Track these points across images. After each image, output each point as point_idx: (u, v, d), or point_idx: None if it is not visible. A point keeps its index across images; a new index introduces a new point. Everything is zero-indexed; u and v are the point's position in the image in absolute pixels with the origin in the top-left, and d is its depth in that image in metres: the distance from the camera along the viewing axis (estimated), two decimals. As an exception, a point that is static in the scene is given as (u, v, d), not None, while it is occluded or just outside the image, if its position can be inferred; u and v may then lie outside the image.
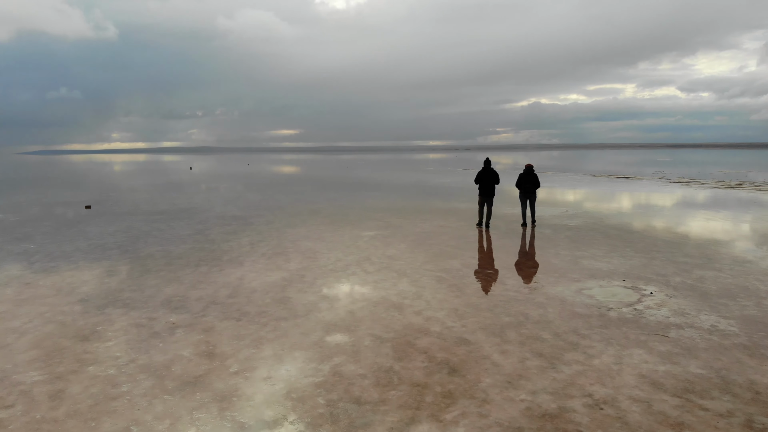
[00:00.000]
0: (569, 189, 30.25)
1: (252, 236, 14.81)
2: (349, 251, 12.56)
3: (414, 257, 11.79)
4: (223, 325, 7.52)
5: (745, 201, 23.47)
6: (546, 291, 9.08)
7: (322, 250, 12.77)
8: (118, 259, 12.03)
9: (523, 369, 5.99)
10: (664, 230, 15.37)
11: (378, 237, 14.41)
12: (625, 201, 23.82)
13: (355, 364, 6.14)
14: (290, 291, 9.19)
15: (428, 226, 16.35)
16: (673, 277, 9.97)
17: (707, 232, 14.97)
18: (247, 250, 12.86)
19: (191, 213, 20.17)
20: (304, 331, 7.21)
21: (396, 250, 12.64)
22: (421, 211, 20.10)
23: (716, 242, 13.44)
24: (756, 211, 19.80)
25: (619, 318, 7.72)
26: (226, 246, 13.37)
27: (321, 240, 14.07)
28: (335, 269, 10.75)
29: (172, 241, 14.11)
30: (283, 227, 16.39)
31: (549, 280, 9.81)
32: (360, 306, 8.27)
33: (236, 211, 20.80)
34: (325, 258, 11.83)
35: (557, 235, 14.56)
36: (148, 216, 19.36)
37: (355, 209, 20.92)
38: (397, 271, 10.53)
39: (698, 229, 15.50)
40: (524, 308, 8.13)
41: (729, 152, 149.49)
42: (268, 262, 11.52)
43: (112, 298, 8.94)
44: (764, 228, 15.77)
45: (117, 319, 7.82)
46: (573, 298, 8.64)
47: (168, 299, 8.80)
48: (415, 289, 9.21)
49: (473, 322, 7.48)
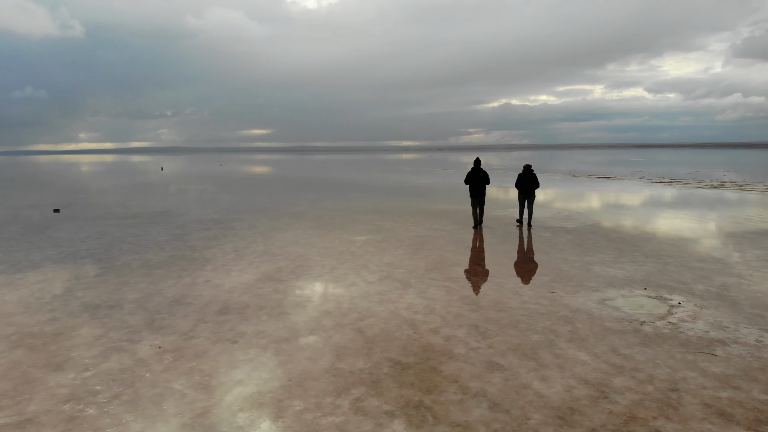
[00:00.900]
0: (553, 190, 29.80)
1: (235, 242, 13.83)
2: (343, 258, 11.69)
3: (414, 264, 10.98)
4: (217, 349, 6.60)
5: (734, 202, 23.24)
6: (567, 302, 8.35)
7: (313, 257, 11.87)
8: (91, 269, 10.96)
9: (573, 400, 5.22)
10: (666, 233, 14.85)
11: (371, 242, 13.57)
12: (615, 202, 23.39)
13: (377, 397, 5.29)
14: (287, 305, 8.29)
15: (421, 229, 15.57)
16: (694, 285, 9.34)
17: (709, 234, 14.47)
18: (232, 257, 11.89)
19: (167, 216, 19.04)
20: (311, 356, 6.33)
21: (393, 256, 11.81)
22: (410, 213, 19.31)
23: (722, 245, 12.92)
24: (750, 211, 19.48)
25: (656, 333, 7.02)
26: (208, 253, 12.38)
27: (311, 246, 13.17)
28: (333, 279, 9.87)
29: (150, 249, 13.05)
30: (268, 231, 15.43)
31: (566, 289, 9.09)
32: (369, 323, 7.42)
33: (214, 214, 19.74)
34: (319, 266, 10.94)
35: (558, 238, 13.90)
36: (121, 220, 18.18)
37: (341, 212, 20.03)
38: (400, 281, 9.70)
39: (699, 231, 15.01)
40: (550, 324, 7.38)
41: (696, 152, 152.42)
42: (256, 271, 10.58)
43: (87, 315, 7.93)
44: (765, 229, 15.36)
45: (95, 343, 6.83)
46: (599, 311, 7.92)
47: (151, 317, 7.82)
48: (424, 301, 8.40)
49: (500, 342, 6.69)
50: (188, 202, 24.13)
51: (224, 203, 23.64)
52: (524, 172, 16.15)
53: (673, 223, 16.54)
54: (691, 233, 14.71)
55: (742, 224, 16.16)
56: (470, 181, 15.84)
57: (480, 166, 16.04)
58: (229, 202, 24.31)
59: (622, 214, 19.03)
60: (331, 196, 27.06)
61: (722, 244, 13.10)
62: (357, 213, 19.54)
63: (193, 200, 25.27)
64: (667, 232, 14.85)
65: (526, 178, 16.04)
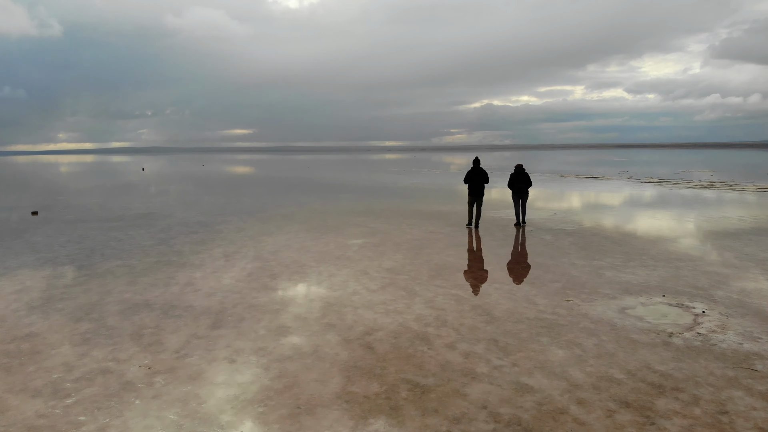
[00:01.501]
0: (544, 190, 29.43)
1: (224, 246, 13.15)
2: (340, 264, 11.08)
3: (417, 271, 10.40)
4: (213, 369, 5.97)
5: (728, 201, 23.01)
6: (586, 312, 7.83)
7: (309, 262, 11.25)
8: (72, 277, 10.22)
9: (617, 427, 4.68)
10: (670, 234, 14.46)
11: (367, 246, 12.97)
12: (610, 202, 23.05)
13: (400, 428, 4.71)
14: (285, 317, 7.67)
15: (417, 232, 15.01)
16: (713, 291, 8.89)
17: (714, 236, 14.08)
18: (222, 264, 11.22)
19: (150, 219, 18.26)
20: (319, 378, 5.72)
21: (393, 261, 11.23)
22: (403, 214, 18.75)
23: (731, 247, 12.53)
24: (751, 212, 19.21)
25: (687, 347, 6.53)
26: (196, 259, 11.70)
27: (305, 250, 12.54)
28: (333, 287, 9.26)
29: (133, 254, 12.33)
30: (258, 235, 14.76)
31: (582, 296, 8.58)
32: (378, 338, 6.83)
33: (200, 216, 19.00)
34: (316, 273, 10.32)
35: (560, 241, 13.42)
36: (102, 223, 17.37)
37: (331, 213, 19.40)
38: (404, 288, 9.12)
39: (703, 233, 14.62)
40: (573, 336, 6.85)
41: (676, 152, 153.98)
42: (249, 278, 9.94)
43: (68, 330, 7.24)
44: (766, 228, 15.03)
45: (77, 363, 6.16)
46: (622, 321, 7.42)
47: (138, 331, 7.16)
48: (434, 312, 7.83)
49: (524, 359, 6.14)
50: (172, 204, 23.33)
51: (209, 205, 22.88)
52: (516, 171, 16.11)
53: (675, 225, 16.16)
54: (695, 235, 14.32)
55: (746, 225, 15.83)
56: (470, 180, 15.68)
57: (479, 166, 15.81)
58: (215, 203, 23.55)
59: (620, 215, 18.66)
60: (320, 197, 26.40)
61: (730, 246, 12.71)
62: (349, 215, 18.93)
63: (177, 201, 24.46)
64: (671, 234, 14.45)
65: (519, 178, 16.02)
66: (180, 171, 62.47)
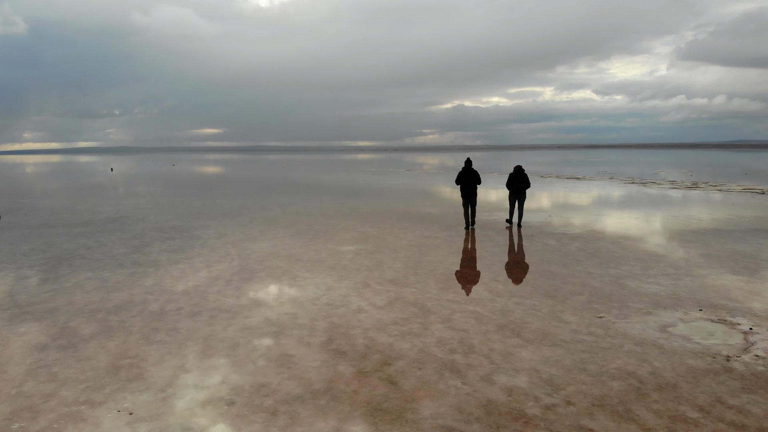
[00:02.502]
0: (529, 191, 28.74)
1: (205, 255, 12.03)
2: (337, 274, 10.08)
3: (423, 282, 9.46)
4: (209, 415, 4.93)
5: (726, 203, 22.61)
6: (625, 331, 6.98)
7: (301, 273, 10.22)
8: (36, 293, 9.01)
9: (720, 491, 3.80)
10: (678, 239, 13.77)
11: (362, 253, 11.99)
12: (602, 203, 22.44)
13: (456, 498, 3.75)
14: (288, 343, 6.65)
15: (412, 237, 14.08)
16: (750, 303, 8.15)
17: (725, 239, 13.43)
18: (204, 276, 10.12)
19: (122, 224, 16.98)
20: (338, 426, 4.73)
21: (394, 271, 10.27)
22: (392, 217, 17.80)
23: (746, 252, 11.88)
24: (754, 212, 18.75)
25: (752, 373, 5.71)
26: (175, 270, 10.57)
27: (295, 259, 11.50)
28: (334, 304, 8.25)
29: (105, 264, 11.14)
30: (240, 241, 13.66)
31: (613, 312, 7.75)
32: (399, 369, 5.86)
33: (175, 220, 17.78)
34: (312, 286, 9.30)
35: (567, 246, 12.63)
36: (69, 228, 16.04)
37: (317, 216, 18.34)
38: (414, 304, 8.17)
39: (712, 236, 13.97)
40: (622, 363, 5.98)
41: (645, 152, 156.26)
42: (238, 294, 8.87)
43: (32, 361, 6.12)
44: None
45: (42, 407, 5.06)
46: (668, 342, 6.59)
47: (115, 364, 6.06)
48: (456, 334, 6.89)
49: (576, 394, 5.24)
50: (144, 207, 21.97)
51: (184, 207, 21.59)
52: (515, 172, 15.76)
53: (681, 228, 15.52)
54: (704, 239, 13.64)
55: (755, 227, 15.26)
56: (461, 181, 15.30)
57: (471, 166, 15.46)
58: (190, 206, 22.26)
59: (619, 217, 18.01)
60: (301, 198, 25.28)
61: (745, 250, 12.05)
62: (335, 218, 17.89)
63: (150, 204, 23.09)
64: (680, 238, 13.76)
65: (518, 178, 15.70)
66: (150, 171, 60.51)
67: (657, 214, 18.66)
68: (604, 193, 27.05)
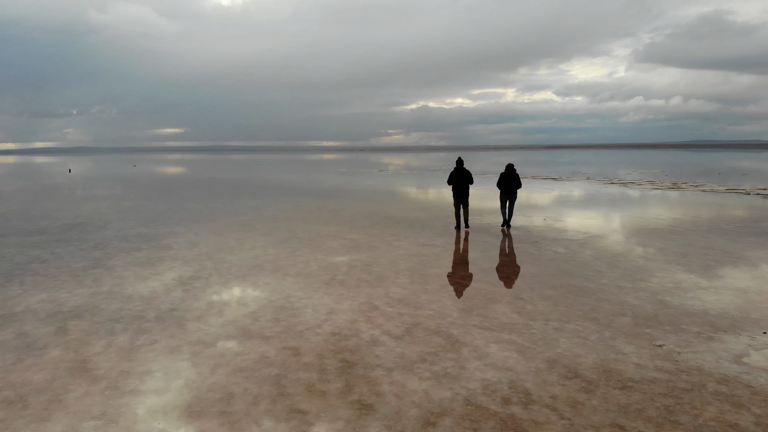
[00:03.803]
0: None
1: (177, 268, 10.54)
2: (335, 292, 8.74)
3: (439, 302, 8.19)
4: None
5: (721, 204, 21.97)
6: (696, 363, 5.85)
7: (294, 291, 8.84)
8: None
9: None
10: (693, 245, 12.82)
11: (358, 265, 10.67)
12: (593, 206, 21.54)
13: None
14: (295, 392, 5.29)
15: (407, 245, 12.82)
16: (815, 323, 7.14)
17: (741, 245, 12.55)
18: (179, 296, 8.66)
19: (81, 231, 15.25)
20: None
21: (401, 288, 8.98)
22: (379, 222, 16.51)
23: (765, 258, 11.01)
24: (744, 213, 18.06)
25: None
26: (144, 288, 9.07)
27: (282, 272, 10.11)
28: (341, 333, 6.91)
29: (62, 282, 9.55)
30: (216, 252, 12.17)
31: (669, 337, 6.62)
32: (448, 427, 4.57)
33: (140, 227, 16.13)
34: (310, 309, 7.93)
35: (579, 255, 11.54)
36: (22, 237, 14.25)
37: (296, 221, 16.92)
38: (438, 332, 6.89)
39: (728, 241, 13.09)
40: (716, 410, 4.82)
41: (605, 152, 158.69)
42: (222, 320, 7.45)
43: (-47, 432, 4.61)
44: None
45: None
46: (754, 379, 5.47)
47: (73, 426, 4.61)
48: (503, 375, 5.62)
49: (689, 465, 4.04)
50: (105, 212, 20.13)
51: (149, 212, 19.86)
52: (506, 171, 15.20)
53: (689, 231, 14.61)
54: (720, 244, 12.73)
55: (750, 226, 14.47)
56: (453, 181, 14.91)
57: (463, 166, 15.00)
58: (155, 210, 20.53)
59: (618, 221, 17.07)
60: (274, 201, 23.76)
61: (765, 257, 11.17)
62: (316, 223, 16.50)
63: (111, 208, 21.23)
64: (695, 244, 12.80)
65: (509, 178, 15.10)
66: (110, 172, 57.78)
67: (653, 215, 17.78)
68: (589, 194, 26.27)
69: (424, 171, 53.65)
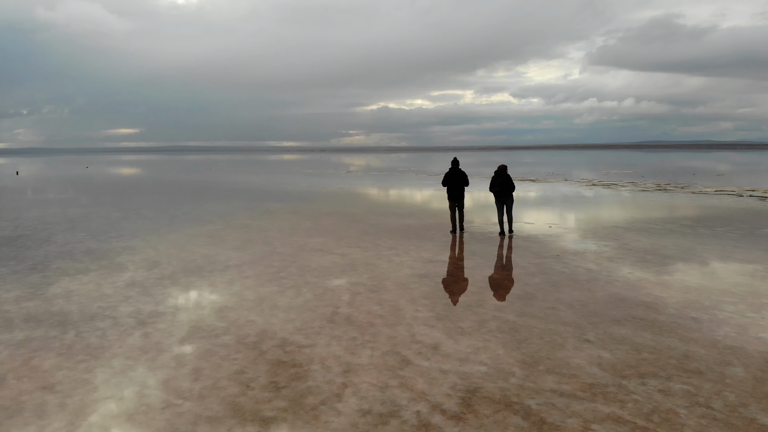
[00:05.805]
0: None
1: (136, 300, 8.35)
2: (344, 334, 6.72)
3: (488, 351, 6.26)
4: None
5: (718, 205, 20.71)
6: None
7: (290, 335, 6.78)
8: None
9: None
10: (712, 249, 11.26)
11: (361, 292, 8.68)
12: (589, 208, 19.99)
13: None
14: None
15: (410, 261, 10.91)
16: None
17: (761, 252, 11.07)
18: (139, 342, 6.51)
19: (19, 247, 12.80)
20: None
21: (429, 327, 7.02)
22: (367, 232, 14.55)
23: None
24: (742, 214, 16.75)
25: None
26: (93, 335, 6.87)
27: (271, 307, 8.01)
28: (372, 411, 4.89)
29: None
30: (182, 274, 10.01)
31: None
32: None
33: (89, 240, 13.76)
34: (318, 364, 5.89)
35: (616, 273, 9.82)
36: (-65, 259, 11.72)
37: (273, 232, 14.79)
38: (509, 406, 4.96)
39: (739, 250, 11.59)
40: None
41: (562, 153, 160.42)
42: (199, 388, 5.36)
43: None
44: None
45: None
46: None
47: None
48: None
49: None
50: (51, 221, 17.52)
51: (100, 221, 17.37)
52: (498, 173, 13.78)
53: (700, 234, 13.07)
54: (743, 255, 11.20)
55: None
56: (448, 182, 14.17)
57: (458, 167, 14.03)
58: (107, 218, 18.03)
59: (619, 222, 15.46)
60: (242, 206, 21.46)
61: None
62: (296, 234, 14.40)
63: (58, 217, 18.58)
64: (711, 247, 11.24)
65: (500, 180, 13.67)
66: (61, 175, 53.97)
67: (652, 217, 16.26)
68: (580, 197, 24.83)
69: (394, 172, 51.89)
